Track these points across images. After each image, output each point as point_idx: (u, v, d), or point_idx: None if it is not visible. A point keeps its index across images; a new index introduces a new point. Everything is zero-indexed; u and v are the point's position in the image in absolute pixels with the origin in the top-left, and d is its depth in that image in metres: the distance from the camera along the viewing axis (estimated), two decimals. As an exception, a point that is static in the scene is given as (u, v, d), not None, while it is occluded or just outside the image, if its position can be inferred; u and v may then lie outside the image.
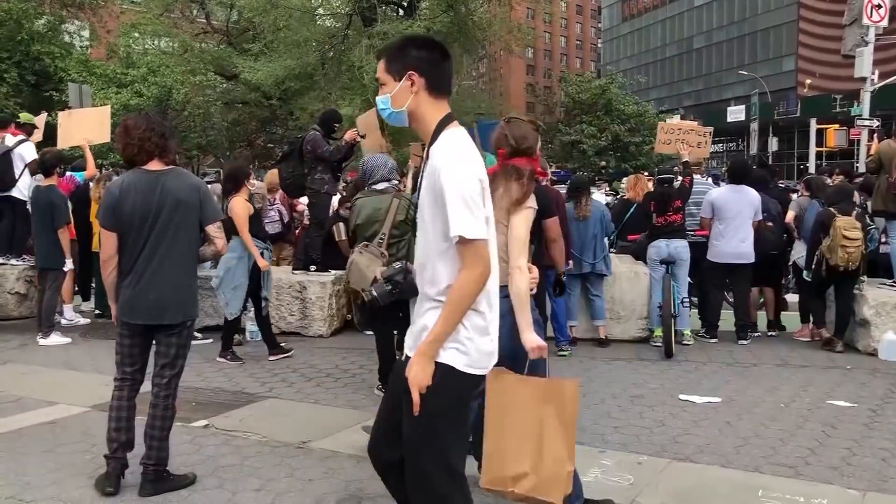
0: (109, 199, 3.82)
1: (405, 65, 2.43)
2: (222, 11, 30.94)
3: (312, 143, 7.98)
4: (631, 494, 3.93)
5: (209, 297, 8.02)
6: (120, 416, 3.90)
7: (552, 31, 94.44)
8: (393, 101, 2.46)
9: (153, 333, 3.92)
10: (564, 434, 2.93)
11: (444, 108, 2.48)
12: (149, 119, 3.88)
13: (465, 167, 2.34)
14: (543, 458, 2.90)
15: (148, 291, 3.79)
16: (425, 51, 2.46)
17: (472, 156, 2.39)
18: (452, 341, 2.37)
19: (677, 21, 75.66)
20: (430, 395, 2.38)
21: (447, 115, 2.47)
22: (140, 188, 3.79)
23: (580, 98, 45.98)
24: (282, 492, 3.94)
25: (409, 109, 2.45)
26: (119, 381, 3.95)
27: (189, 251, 3.93)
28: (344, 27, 23.12)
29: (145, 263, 3.79)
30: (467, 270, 2.32)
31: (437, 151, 2.38)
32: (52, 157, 7.92)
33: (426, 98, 2.44)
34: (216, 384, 6.11)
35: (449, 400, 2.43)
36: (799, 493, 3.95)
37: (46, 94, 23.32)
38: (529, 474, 2.89)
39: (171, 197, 3.80)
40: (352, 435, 4.75)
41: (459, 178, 2.31)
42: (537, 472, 2.89)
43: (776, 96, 53.46)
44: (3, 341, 7.61)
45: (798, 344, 7.72)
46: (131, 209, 3.76)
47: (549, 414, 2.91)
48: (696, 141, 8.43)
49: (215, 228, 4.01)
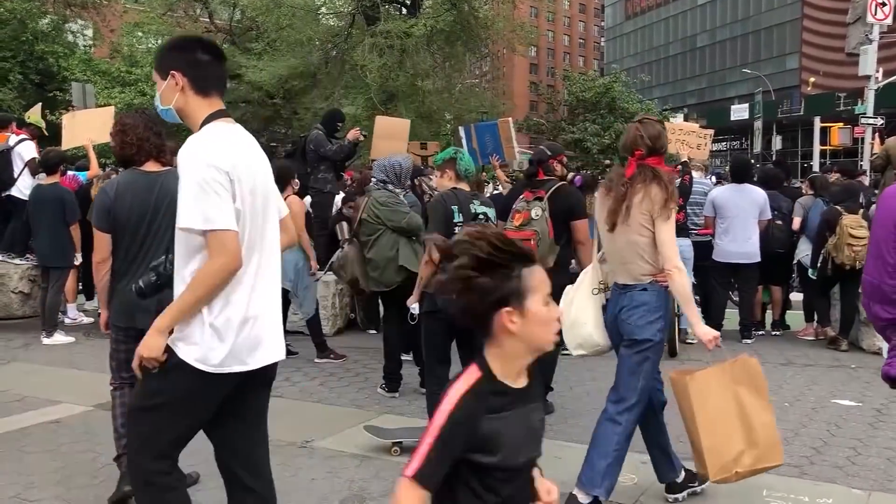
0: (103, 201, 3.73)
1: (169, 65, 2.51)
2: (225, 10, 30.94)
3: (315, 143, 7.99)
4: (635, 494, 3.92)
5: (213, 296, 8.04)
6: (125, 411, 3.78)
7: (555, 30, 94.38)
8: (161, 100, 2.54)
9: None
10: (763, 403, 3.27)
11: (212, 105, 2.54)
12: (147, 118, 3.79)
13: (203, 157, 2.35)
14: (754, 431, 3.22)
15: None
16: (189, 51, 2.53)
17: (217, 147, 2.39)
18: (189, 337, 2.40)
19: (680, 19, 75.59)
20: (156, 379, 2.45)
21: (215, 112, 2.52)
22: (137, 189, 3.69)
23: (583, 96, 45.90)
24: (285, 491, 3.93)
25: (177, 107, 2.52)
26: (118, 383, 3.84)
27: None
28: (347, 26, 23.10)
29: (143, 266, 3.67)
30: (209, 260, 2.34)
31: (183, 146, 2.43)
32: (55, 156, 7.93)
33: (193, 96, 2.51)
34: (219, 383, 6.09)
35: (174, 391, 2.45)
36: (803, 492, 3.94)
37: (50, 93, 23.33)
38: (746, 450, 3.22)
39: (169, 198, 3.66)
40: (355, 434, 4.73)
41: (195, 169, 2.33)
42: (754, 445, 3.22)
43: (780, 95, 53.39)
44: (6, 340, 7.62)
45: (802, 343, 7.71)
46: (128, 211, 3.66)
47: (743, 392, 3.24)
48: (695, 143, 8.46)
49: None
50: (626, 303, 3.52)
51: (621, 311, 3.55)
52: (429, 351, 4.41)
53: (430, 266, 4.26)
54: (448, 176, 4.55)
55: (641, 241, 3.45)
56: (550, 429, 4.94)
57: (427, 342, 4.40)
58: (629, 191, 3.46)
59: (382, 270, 5.61)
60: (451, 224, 4.32)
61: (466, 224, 4.33)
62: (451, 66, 25.58)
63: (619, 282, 3.62)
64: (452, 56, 24.89)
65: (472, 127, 8.59)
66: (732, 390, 3.24)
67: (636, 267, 3.48)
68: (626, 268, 3.53)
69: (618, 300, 3.59)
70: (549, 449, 4.65)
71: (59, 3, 24.52)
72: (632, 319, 3.48)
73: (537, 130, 50.23)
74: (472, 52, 26.14)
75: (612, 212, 3.52)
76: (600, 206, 3.69)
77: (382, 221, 5.60)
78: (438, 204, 4.40)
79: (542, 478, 1.87)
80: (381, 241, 5.61)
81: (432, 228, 4.37)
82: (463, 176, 4.58)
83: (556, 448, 4.59)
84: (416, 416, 5.21)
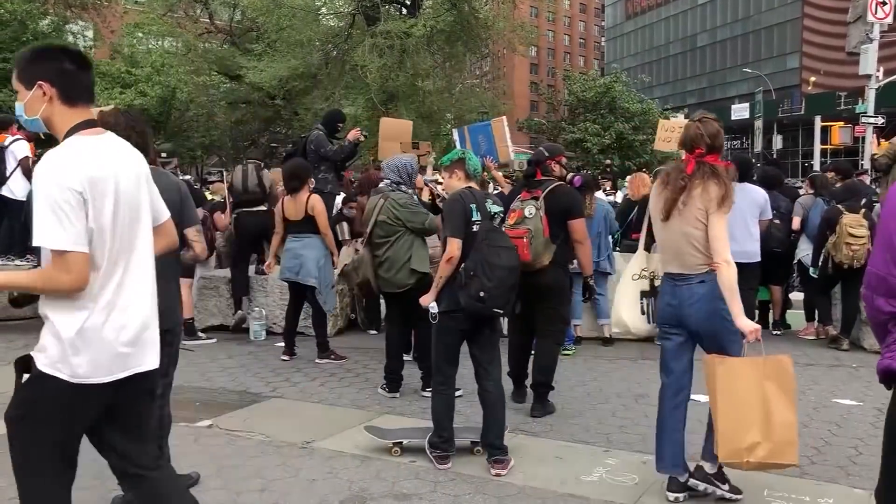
0: None
1: (35, 74, 2.48)
2: (226, 11, 30.96)
3: (316, 143, 7.99)
4: (636, 494, 3.92)
5: (213, 296, 8.04)
6: None
7: (556, 30, 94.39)
8: (26, 110, 2.51)
9: None
10: (788, 402, 3.40)
11: (80, 115, 2.52)
12: (129, 117, 3.73)
13: (55, 177, 2.33)
14: (773, 426, 3.33)
15: None
16: (57, 61, 2.50)
17: (72, 165, 2.37)
18: (47, 349, 2.41)
19: (681, 19, 75.61)
20: (23, 390, 2.50)
21: (80, 123, 2.50)
22: None
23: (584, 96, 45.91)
24: (285, 492, 3.94)
25: (44, 117, 2.51)
26: None
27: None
28: (347, 26, 23.12)
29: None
30: (56, 274, 2.34)
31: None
32: None
33: (60, 106, 2.49)
34: (220, 384, 6.10)
35: (36, 403, 2.47)
36: (805, 492, 3.93)
37: (51, 94, 23.38)
38: (762, 442, 3.34)
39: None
40: (355, 435, 4.73)
41: (47, 188, 2.32)
42: (769, 439, 3.33)
43: (780, 94, 53.40)
44: (8, 342, 7.61)
45: (803, 342, 7.70)
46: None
47: (771, 387, 3.39)
48: None
49: (194, 232, 3.84)
50: (687, 296, 3.70)
51: (683, 304, 3.72)
52: (439, 350, 4.40)
53: (450, 265, 4.26)
54: (457, 176, 4.53)
55: (696, 233, 3.64)
56: (551, 429, 4.95)
57: (439, 340, 4.39)
58: (688, 185, 3.64)
59: (396, 272, 5.61)
60: (470, 223, 4.31)
61: (483, 222, 4.34)
62: (451, 67, 25.61)
63: (671, 271, 3.78)
64: (453, 56, 24.91)
65: (466, 129, 8.55)
66: (760, 383, 3.39)
67: (690, 258, 3.68)
68: (679, 258, 3.73)
69: (674, 291, 3.76)
70: (550, 449, 4.68)
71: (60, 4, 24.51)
72: (714, 316, 3.69)
73: (537, 130, 50.23)
74: (473, 52, 26.15)
75: (669, 203, 3.69)
76: (656, 198, 3.83)
77: (403, 223, 5.60)
78: (457, 203, 4.38)
79: None
80: (399, 242, 5.61)
81: (450, 227, 4.35)
82: (472, 175, 4.58)
83: (557, 448, 4.59)
84: (416, 416, 5.21)
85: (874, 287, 2.28)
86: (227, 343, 7.55)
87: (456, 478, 4.13)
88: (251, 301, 7.95)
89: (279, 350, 7.00)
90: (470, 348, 4.43)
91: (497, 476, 4.12)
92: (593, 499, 3.84)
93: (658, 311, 3.96)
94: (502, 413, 4.30)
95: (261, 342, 7.62)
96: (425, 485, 4.03)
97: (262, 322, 7.77)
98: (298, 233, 6.70)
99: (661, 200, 3.77)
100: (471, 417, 5.01)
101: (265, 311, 7.83)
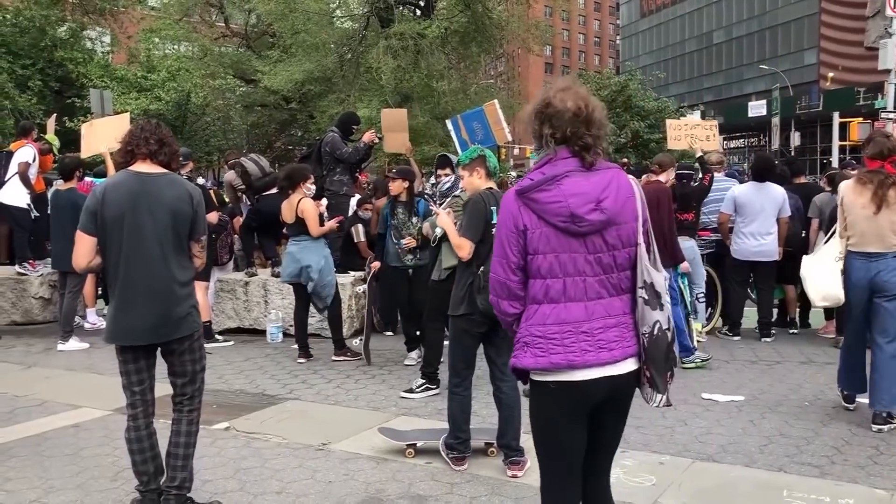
0: (89, 203, 3.56)
1: None
2: (241, 15, 31.09)
3: (331, 145, 8.01)
4: (653, 495, 3.89)
5: (229, 299, 8.08)
6: (142, 447, 3.58)
7: (570, 29, 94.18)
8: None
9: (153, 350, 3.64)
10: None
11: None
12: (153, 125, 3.66)
13: None
14: None
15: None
16: None
17: None
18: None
19: (696, 16, 75.13)
20: None
21: None
22: (121, 189, 3.53)
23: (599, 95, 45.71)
24: (302, 494, 3.95)
25: None
26: (129, 401, 3.62)
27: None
28: (361, 28, 23.15)
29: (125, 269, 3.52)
30: None
31: None
32: (71, 161, 8.01)
33: None
34: (237, 386, 6.13)
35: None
36: (825, 492, 3.89)
37: (69, 100, 23.53)
38: None
39: (152, 199, 3.51)
40: (372, 437, 4.74)
41: None
42: None
43: (798, 90, 52.90)
44: (27, 345, 7.70)
45: (823, 341, 7.62)
46: (111, 211, 3.50)
47: None
48: (703, 135, 8.45)
49: (198, 247, 3.69)
50: (883, 268, 4.87)
51: (877, 274, 4.88)
52: (455, 352, 4.40)
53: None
54: (478, 174, 4.49)
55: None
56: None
57: (456, 343, 4.40)
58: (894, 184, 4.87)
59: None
60: (489, 225, 4.29)
61: None
62: (465, 67, 25.56)
63: (868, 251, 4.91)
64: (467, 57, 24.86)
65: (459, 118, 8.47)
66: None
67: (890, 240, 4.86)
68: (881, 241, 4.88)
69: (869, 266, 4.91)
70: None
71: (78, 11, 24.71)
72: (893, 279, 4.87)
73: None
74: (487, 52, 26.07)
75: (881, 199, 4.86)
76: (857, 195, 4.96)
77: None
78: (479, 204, 4.35)
79: None
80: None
81: (468, 229, 4.34)
82: (492, 173, 4.56)
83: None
84: (432, 417, 5.21)
85: (498, 293, 2.55)
86: (244, 346, 7.59)
87: (472, 479, 4.13)
88: (268, 303, 7.99)
89: (296, 352, 7.02)
90: (486, 350, 4.42)
91: (513, 477, 4.11)
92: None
93: (852, 283, 5.00)
94: (518, 414, 4.29)
95: (277, 344, 7.65)
96: (441, 486, 4.02)
97: (278, 324, 7.80)
98: (295, 235, 6.83)
99: (863, 198, 4.92)
100: (486, 419, 5.01)
101: (281, 313, 7.86)
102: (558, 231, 2.42)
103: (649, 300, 2.46)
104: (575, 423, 2.51)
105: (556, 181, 2.42)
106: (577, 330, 2.42)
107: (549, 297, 2.45)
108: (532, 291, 2.49)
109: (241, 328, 8.07)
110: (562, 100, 2.46)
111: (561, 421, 2.51)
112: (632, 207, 2.47)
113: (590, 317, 2.43)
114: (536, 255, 2.45)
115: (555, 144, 2.48)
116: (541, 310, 2.47)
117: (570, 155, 2.46)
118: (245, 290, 8.07)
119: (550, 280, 2.44)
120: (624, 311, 2.49)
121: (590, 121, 2.45)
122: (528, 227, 2.45)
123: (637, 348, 2.48)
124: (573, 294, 2.43)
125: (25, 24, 23.24)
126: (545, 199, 2.43)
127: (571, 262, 2.42)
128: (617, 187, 2.45)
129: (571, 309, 2.43)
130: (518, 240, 2.46)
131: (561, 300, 2.44)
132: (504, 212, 2.52)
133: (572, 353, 2.42)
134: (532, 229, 2.44)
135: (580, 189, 2.41)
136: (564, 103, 2.45)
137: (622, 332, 2.46)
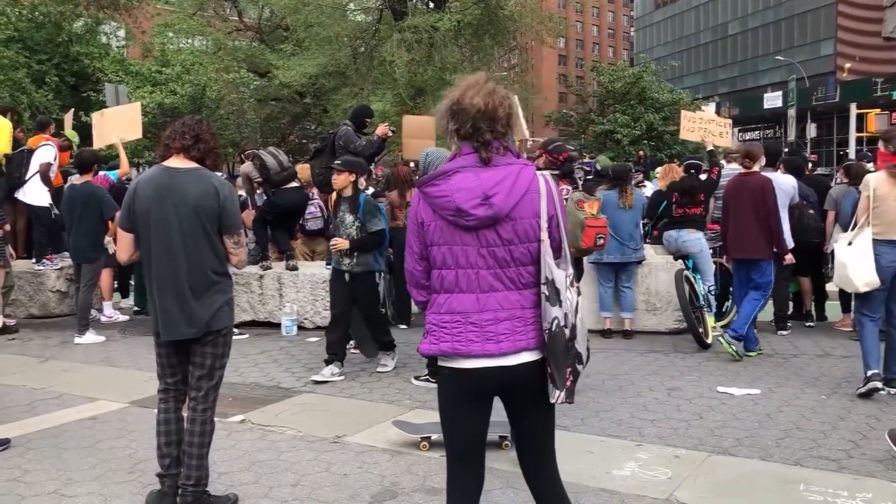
0: (126, 199, 3.60)
1: None
2: (254, 9, 31.15)
3: (344, 139, 8.00)
4: (669, 488, 3.88)
5: (244, 292, 8.11)
6: (169, 429, 3.63)
7: (584, 21, 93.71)
8: None
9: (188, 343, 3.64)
10: None
11: None
12: (194, 120, 3.70)
13: None
14: None
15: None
16: None
17: None
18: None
19: (711, 7, 74.57)
20: None
21: None
22: (152, 184, 3.56)
23: (613, 87, 45.42)
24: (317, 486, 3.96)
25: None
26: (163, 387, 3.71)
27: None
28: (375, 21, 23.15)
29: (157, 263, 3.55)
30: None
31: None
32: (88, 155, 8.05)
33: None
34: (252, 379, 6.16)
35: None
36: (842, 486, 3.86)
37: (85, 94, 23.68)
38: None
39: (180, 193, 3.51)
40: (386, 429, 4.75)
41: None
42: None
43: (814, 81, 52.42)
44: (44, 339, 7.76)
45: (839, 334, 7.56)
46: (142, 205, 3.53)
47: None
48: (717, 131, 8.42)
49: (231, 243, 3.62)
50: None
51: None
52: None
53: None
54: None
55: None
56: (582, 423, 4.92)
57: None
58: None
59: None
60: None
61: None
62: (479, 60, 25.49)
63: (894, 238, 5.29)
64: (480, 49, 24.81)
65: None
66: None
67: None
68: None
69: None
70: (581, 443, 4.65)
71: (93, 6, 24.82)
72: None
73: (566, 123, 49.86)
74: (500, 44, 26.03)
75: None
76: (892, 186, 5.25)
77: None
78: None
79: None
80: None
81: None
82: None
83: (589, 442, 4.56)
84: (447, 410, 5.20)
85: (408, 281, 2.68)
86: (259, 339, 7.62)
87: (486, 472, 4.12)
88: (283, 296, 8.02)
89: (310, 345, 7.04)
90: None
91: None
92: (625, 493, 3.81)
93: (882, 268, 5.31)
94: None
95: (292, 337, 7.67)
96: (456, 479, 4.02)
97: (293, 317, 7.83)
98: None
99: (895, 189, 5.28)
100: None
101: (296, 306, 7.89)
102: (449, 224, 2.49)
103: (550, 296, 2.48)
104: (471, 409, 2.64)
105: (446, 176, 2.48)
106: (465, 320, 2.50)
107: (444, 287, 2.54)
108: (432, 281, 2.59)
109: (256, 321, 8.10)
110: (470, 97, 2.49)
111: (457, 405, 2.64)
112: (531, 204, 2.48)
113: (481, 308, 2.49)
114: (433, 247, 2.54)
115: (458, 140, 2.54)
116: (438, 299, 2.57)
117: (471, 151, 2.50)
118: (260, 283, 8.10)
119: (444, 271, 2.53)
120: (522, 306, 2.51)
121: (493, 118, 2.48)
122: (425, 221, 2.55)
123: (537, 342, 2.51)
124: (464, 285, 2.51)
125: (41, 19, 23.40)
126: (434, 194, 2.50)
127: (463, 254, 2.49)
128: (512, 183, 2.47)
129: (462, 299, 2.51)
130: (419, 231, 2.57)
131: (453, 290, 2.52)
132: (412, 205, 2.62)
133: (458, 342, 2.50)
134: (428, 222, 2.54)
135: (468, 184, 2.46)
136: (472, 100, 2.48)
137: (515, 326, 2.50)
